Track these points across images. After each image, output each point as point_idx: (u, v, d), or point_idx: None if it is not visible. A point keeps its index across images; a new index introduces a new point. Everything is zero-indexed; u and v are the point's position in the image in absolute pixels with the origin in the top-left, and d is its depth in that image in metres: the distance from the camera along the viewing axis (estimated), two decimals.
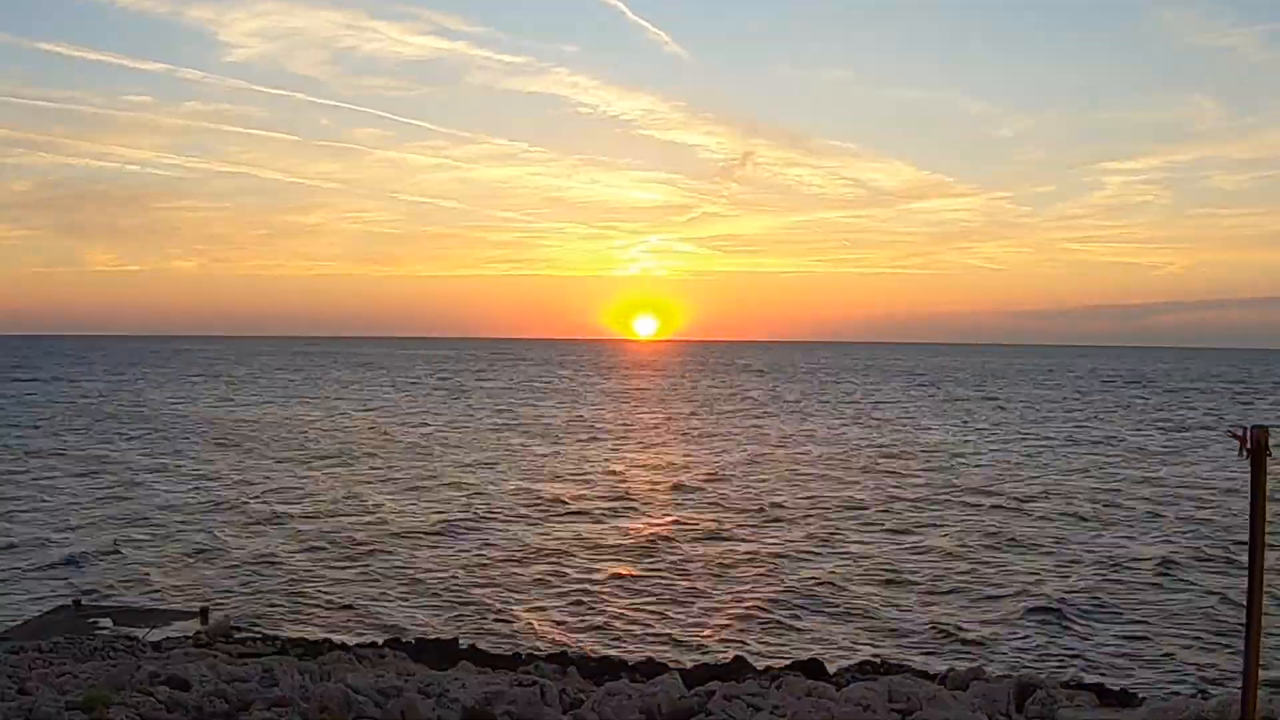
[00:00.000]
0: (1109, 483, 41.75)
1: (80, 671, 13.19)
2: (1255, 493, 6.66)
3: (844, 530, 31.69)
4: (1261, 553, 6.72)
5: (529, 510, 35.25)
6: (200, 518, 33.40)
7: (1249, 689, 6.76)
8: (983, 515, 34.12)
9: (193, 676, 12.04)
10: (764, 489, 40.16)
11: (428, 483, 41.43)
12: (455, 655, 17.64)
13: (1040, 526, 32.16)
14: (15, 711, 10.21)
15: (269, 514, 34.16)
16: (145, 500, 36.89)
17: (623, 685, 12.57)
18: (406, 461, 48.19)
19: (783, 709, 10.55)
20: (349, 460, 48.91)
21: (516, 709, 10.91)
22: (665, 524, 32.99)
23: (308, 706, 10.55)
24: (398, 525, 32.22)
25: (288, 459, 49.24)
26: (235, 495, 37.91)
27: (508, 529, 31.93)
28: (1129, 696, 15.24)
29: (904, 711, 10.74)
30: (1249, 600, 6.74)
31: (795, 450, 53.82)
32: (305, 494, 38.66)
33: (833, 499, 37.53)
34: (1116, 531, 31.36)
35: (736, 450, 53.85)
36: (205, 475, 43.16)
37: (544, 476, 43.63)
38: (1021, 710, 11.80)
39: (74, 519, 33.11)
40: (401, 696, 10.69)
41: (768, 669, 17.15)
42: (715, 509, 35.68)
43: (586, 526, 32.64)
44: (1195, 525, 32.21)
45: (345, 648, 17.92)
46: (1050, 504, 36.36)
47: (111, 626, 20.49)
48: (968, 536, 30.42)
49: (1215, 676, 17.65)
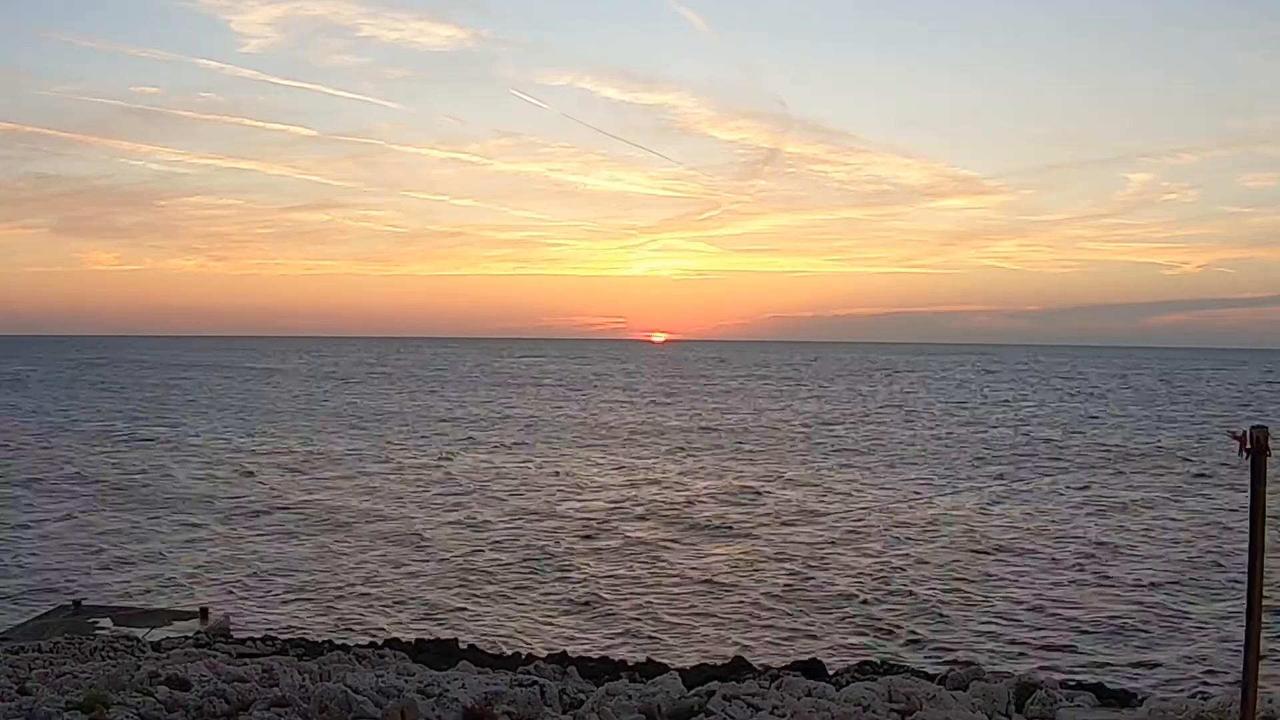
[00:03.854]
0: (1109, 482, 41.76)
1: (80, 671, 13.19)
2: (1255, 492, 6.65)
3: (850, 530, 31.70)
4: (1261, 553, 6.70)
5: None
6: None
7: (1249, 689, 6.75)
8: (984, 515, 34.13)
9: (193, 676, 12.04)
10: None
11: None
12: (455, 655, 17.65)
13: (1041, 526, 32.16)
14: (15, 711, 10.20)
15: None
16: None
17: (623, 685, 12.56)
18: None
19: (783, 709, 10.54)
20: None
21: (516, 709, 10.90)
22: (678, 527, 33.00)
23: (308, 706, 10.54)
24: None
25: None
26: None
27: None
28: (1129, 696, 15.25)
29: (904, 711, 10.72)
30: (1249, 601, 6.73)
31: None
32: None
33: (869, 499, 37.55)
34: (1116, 530, 31.35)
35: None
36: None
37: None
38: (1021, 710, 11.79)
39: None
40: (401, 696, 10.67)
41: (768, 669, 17.16)
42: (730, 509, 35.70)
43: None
44: (1196, 524, 32.22)
45: (345, 648, 17.93)
46: (1050, 503, 36.37)
47: (111, 626, 20.51)
48: (969, 537, 30.42)
49: (1215, 677, 17.66)
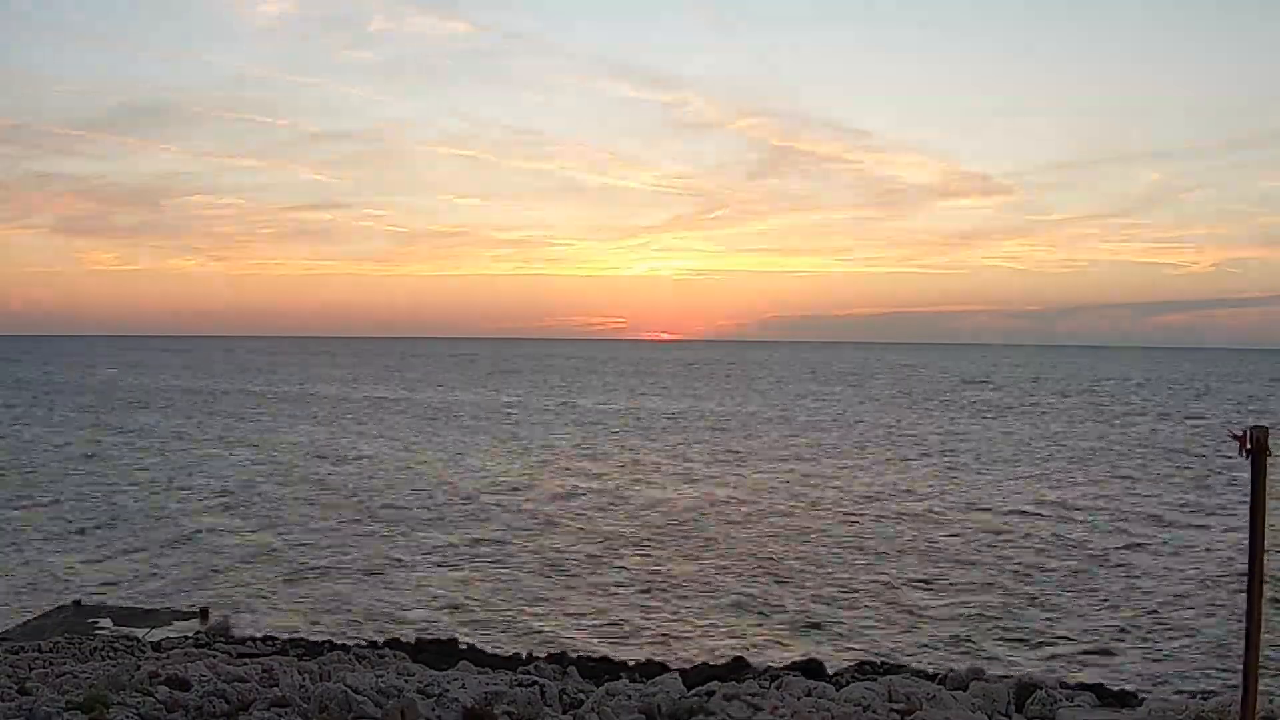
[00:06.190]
0: (1108, 483, 41.75)
1: (80, 671, 13.19)
2: (1255, 492, 6.65)
3: (851, 530, 31.71)
4: (1261, 553, 6.71)
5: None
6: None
7: (1249, 689, 6.75)
8: (986, 515, 34.13)
9: (193, 676, 12.04)
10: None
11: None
12: (455, 655, 17.65)
13: (1040, 527, 32.15)
14: (15, 711, 10.20)
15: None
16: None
17: (623, 685, 12.57)
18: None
19: (783, 709, 10.54)
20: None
21: (516, 709, 10.90)
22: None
23: (308, 706, 10.54)
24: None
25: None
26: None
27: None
28: (1129, 696, 15.26)
29: (904, 711, 10.72)
30: (1249, 601, 6.73)
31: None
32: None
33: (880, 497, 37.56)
34: (1117, 530, 31.35)
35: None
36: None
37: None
38: (1021, 710, 11.80)
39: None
40: (401, 696, 10.68)
41: (768, 669, 17.16)
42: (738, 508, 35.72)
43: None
44: (1195, 524, 32.22)
45: (345, 648, 17.93)
46: (1050, 503, 36.37)
47: (111, 626, 20.52)
48: (971, 537, 30.42)
49: (1215, 677, 17.66)
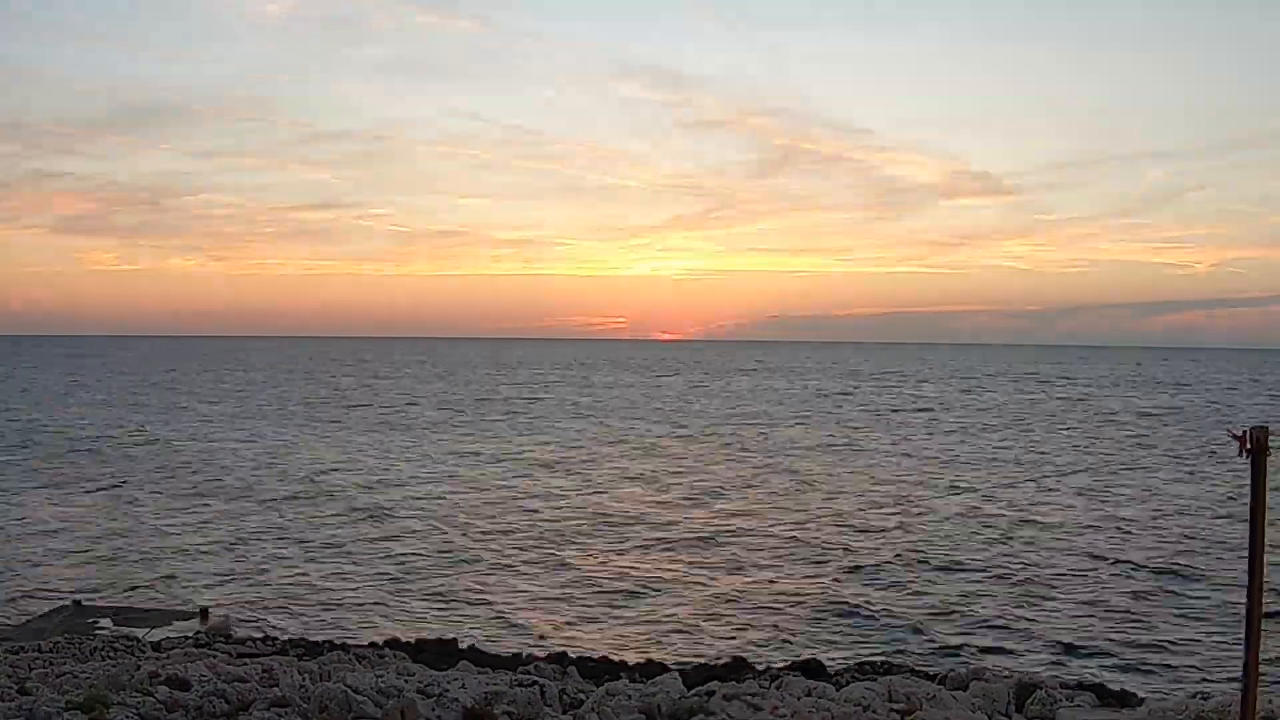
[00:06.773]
0: (1107, 484, 41.75)
1: (80, 671, 13.19)
2: (1255, 492, 6.66)
3: (851, 531, 31.71)
4: (1261, 553, 6.72)
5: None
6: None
7: (1249, 689, 6.76)
8: (987, 515, 34.12)
9: (193, 676, 12.04)
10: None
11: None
12: (455, 655, 17.64)
13: (1038, 528, 32.14)
14: (15, 711, 10.21)
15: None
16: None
17: (623, 685, 12.58)
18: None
19: (783, 709, 10.55)
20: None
21: (516, 709, 10.92)
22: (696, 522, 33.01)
23: (308, 706, 10.55)
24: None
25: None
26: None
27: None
28: (1129, 696, 15.24)
29: (904, 711, 10.74)
30: (1249, 600, 6.74)
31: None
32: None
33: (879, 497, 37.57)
34: (1117, 532, 31.34)
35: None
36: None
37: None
38: (1021, 710, 11.81)
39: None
40: (401, 696, 10.69)
41: (768, 669, 17.15)
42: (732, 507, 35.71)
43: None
44: (1196, 524, 32.21)
45: (345, 648, 17.91)
46: (1050, 505, 36.36)
47: (111, 626, 20.51)
48: (971, 536, 30.42)
49: (1215, 676, 17.65)
